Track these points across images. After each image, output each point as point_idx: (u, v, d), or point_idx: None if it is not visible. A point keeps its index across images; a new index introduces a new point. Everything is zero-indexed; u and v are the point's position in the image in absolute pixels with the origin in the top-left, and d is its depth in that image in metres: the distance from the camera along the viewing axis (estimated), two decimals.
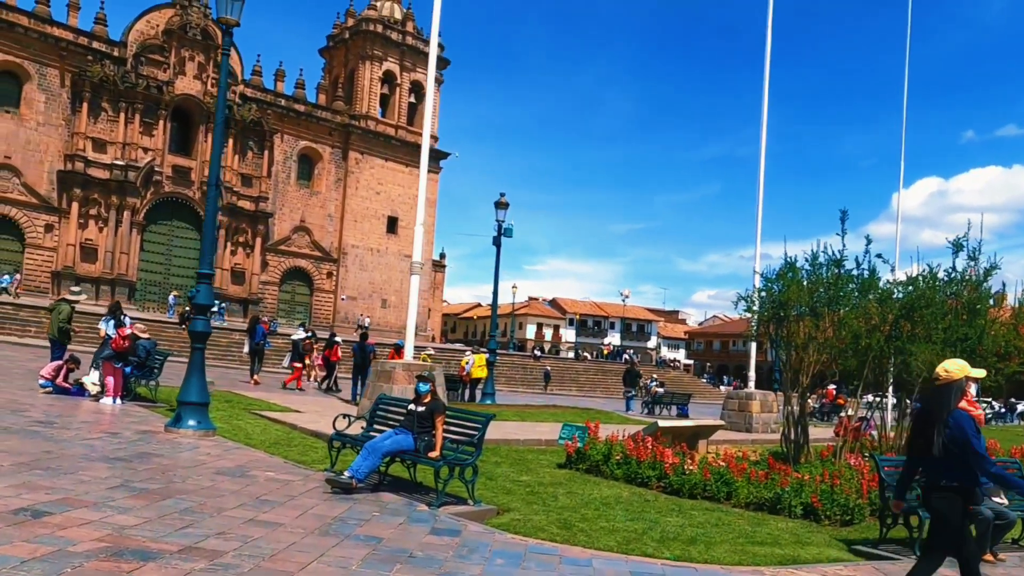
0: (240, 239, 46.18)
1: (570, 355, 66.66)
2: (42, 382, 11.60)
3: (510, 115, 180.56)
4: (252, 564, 4.48)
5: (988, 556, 6.43)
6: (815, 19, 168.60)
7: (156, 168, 42.65)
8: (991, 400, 39.69)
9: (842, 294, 11.40)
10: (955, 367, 4.75)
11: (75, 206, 40.20)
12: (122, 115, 41.71)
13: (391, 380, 12.91)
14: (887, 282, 12.24)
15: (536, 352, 56.43)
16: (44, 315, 16.84)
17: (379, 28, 52.55)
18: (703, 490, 8.88)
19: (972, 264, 11.76)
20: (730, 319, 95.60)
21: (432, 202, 55.75)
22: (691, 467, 9.34)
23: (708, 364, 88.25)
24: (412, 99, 54.20)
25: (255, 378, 20.51)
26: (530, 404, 24.10)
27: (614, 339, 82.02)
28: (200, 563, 4.36)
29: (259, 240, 46.94)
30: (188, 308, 35.88)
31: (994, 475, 4.55)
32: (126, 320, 12.02)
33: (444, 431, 7.45)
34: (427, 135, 14.25)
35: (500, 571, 5.06)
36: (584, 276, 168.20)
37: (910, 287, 11.72)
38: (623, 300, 69.05)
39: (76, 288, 13.74)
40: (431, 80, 14.55)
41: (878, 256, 11.84)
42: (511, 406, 21.51)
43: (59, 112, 40.40)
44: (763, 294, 12.11)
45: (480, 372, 22.32)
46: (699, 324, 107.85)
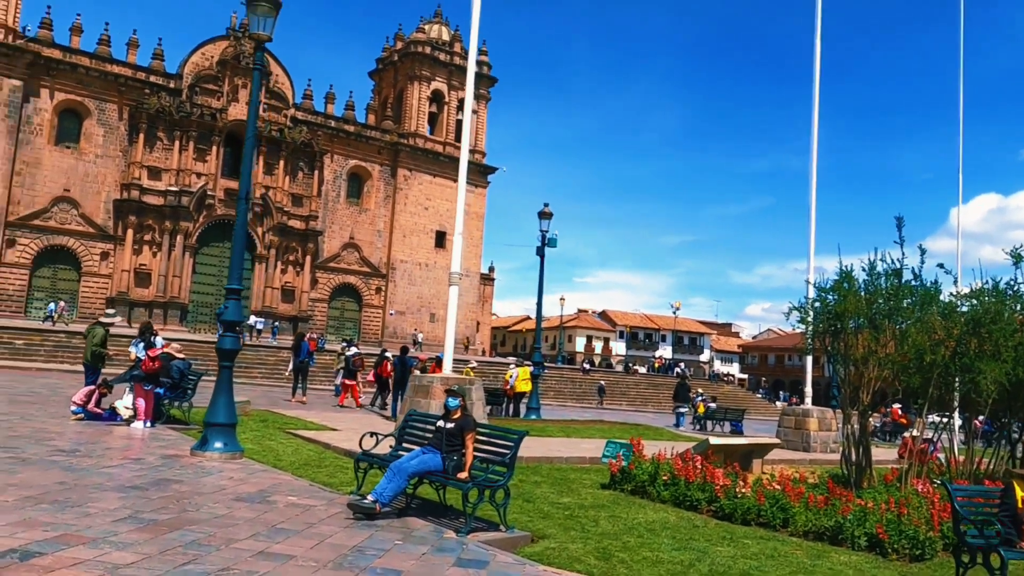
0: (290, 258, 46.98)
1: (620, 368, 65.48)
2: (74, 408, 11.52)
3: (558, 130, 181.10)
4: None
5: None
6: (865, 34, 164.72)
7: (209, 192, 43.80)
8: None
9: (903, 306, 10.55)
10: None
11: (130, 233, 41.52)
12: (177, 143, 43.10)
13: (428, 395, 12.52)
14: (950, 295, 11.35)
15: (585, 365, 55.61)
16: (81, 340, 17.06)
17: (427, 50, 53.64)
18: (757, 516, 8.16)
19: None
20: (785, 332, 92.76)
21: (480, 216, 56.05)
22: (744, 490, 8.63)
23: (763, 379, 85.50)
24: (460, 116, 54.95)
25: (299, 397, 20.43)
26: (576, 419, 23.46)
27: (665, 352, 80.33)
28: None
29: (309, 258, 47.68)
30: (239, 327, 36.68)
31: None
32: (156, 342, 11.91)
33: (475, 449, 6.99)
34: (465, 147, 14.14)
35: None
36: (634, 288, 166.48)
37: (974, 301, 10.80)
38: (674, 312, 67.63)
39: (111, 311, 13.87)
40: (469, 95, 14.41)
41: (939, 266, 11.00)
42: (557, 421, 20.96)
43: (116, 144, 41.98)
44: (817, 305, 11.31)
45: (524, 386, 21.77)
46: (753, 337, 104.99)
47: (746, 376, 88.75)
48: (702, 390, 33.37)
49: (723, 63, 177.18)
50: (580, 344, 78.67)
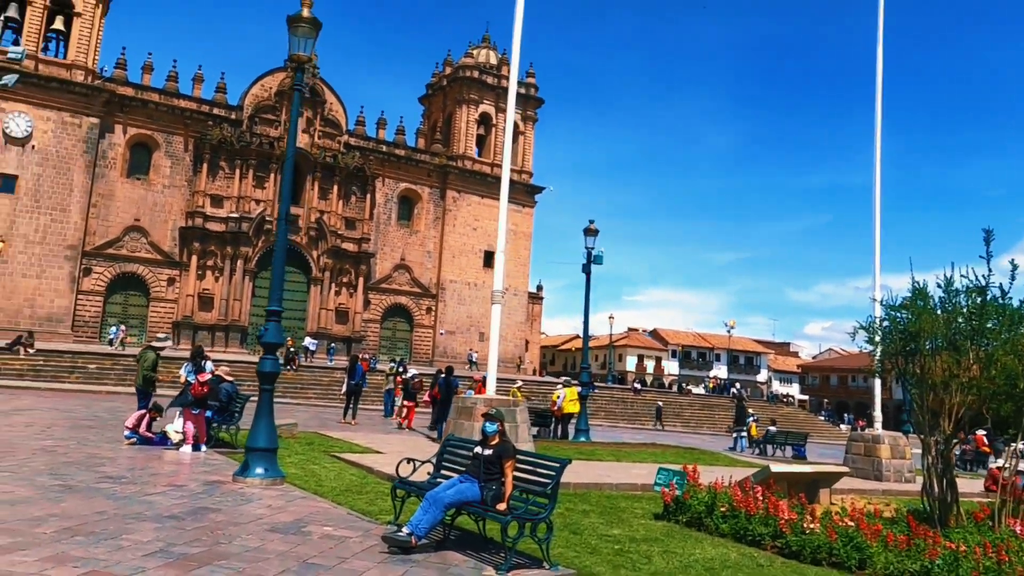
0: (344, 280, 47.75)
1: (672, 388, 63.91)
2: (127, 433, 11.65)
3: (607, 149, 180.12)
4: None
5: None
6: (929, 45, 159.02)
7: (267, 218, 44.98)
8: None
9: (988, 326, 9.62)
10: None
11: (194, 259, 42.98)
12: (237, 171, 44.58)
13: (472, 417, 12.18)
14: None
15: (636, 385, 54.46)
16: (134, 363, 17.41)
17: (475, 73, 54.34)
18: (829, 555, 7.44)
19: None
20: (847, 352, 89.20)
21: (527, 235, 56.09)
22: (812, 525, 7.94)
23: (824, 400, 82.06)
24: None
25: (351, 419, 20.40)
26: (628, 441, 22.72)
27: (720, 372, 78.07)
28: None
29: (362, 280, 48.38)
30: (292, 347, 37.25)
31: None
32: (207, 366, 11.99)
33: (515, 477, 6.62)
34: (507, 166, 14.00)
35: None
36: (686, 306, 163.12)
37: None
38: (729, 331, 65.74)
39: (162, 335, 14.09)
40: (510, 114, 14.31)
41: None
42: (607, 444, 20.24)
43: (182, 174, 43.69)
44: (887, 324, 10.48)
45: (572, 407, 21.08)
46: (813, 357, 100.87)
47: (807, 397, 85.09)
48: (753, 411, 32.00)
49: (777, 77, 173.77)
50: (631, 363, 77.23)
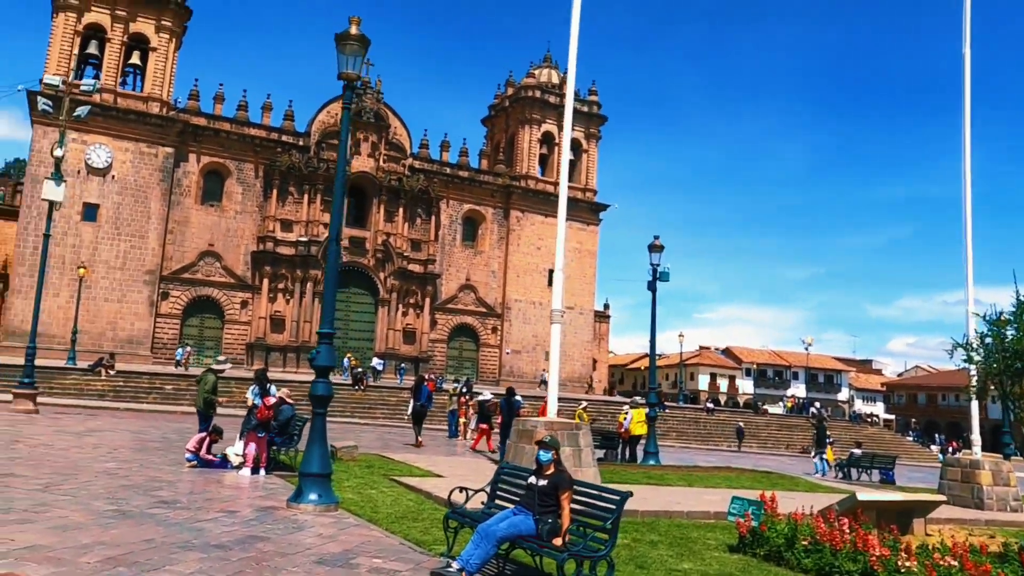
0: (411, 300, 48.26)
1: (747, 408, 61.43)
2: (188, 456, 11.72)
3: (677, 165, 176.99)
4: None
5: None
6: (1015, 48, 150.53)
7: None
8: None
9: None
10: None
11: (265, 282, 44.28)
12: (305, 196, 45.85)
13: (532, 440, 11.71)
14: None
15: (709, 404, 52.65)
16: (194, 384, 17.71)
17: (537, 93, 54.54)
18: None
19: None
20: (935, 370, 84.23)
21: (592, 253, 55.56)
22: (908, 563, 7.12)
23: (912, 420, 77.33)
24: (571, 157, 55.03)
25: (417, 441, 20.20)
26: (700, 464, 21.64)
27: (797, 391, 74.67)
28: None
29: (428, 300, 48.78)
30: (360, 368, 37.65)
31: None
32: (272, 389, 11.99)
33: (572, 509, 6.14)
34: (564, 182, 13.64)
35: None
36: (760, 323, 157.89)
37: None
38: (806, 348, 62.75)
39: (222, 357, 14.23)
40: (567, 131, 14.04)
41: None
42: (677, 467, 19.26)
43: (253, 200, 45.25)
44: (989, 341, 9.52)
45: (640, 428, 20.23)
46: (898, 375, 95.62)
47: (893, 417, 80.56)
48: (831, 434, 30.11)
49: (851, 87, 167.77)
50: (703, 382, 74.91)
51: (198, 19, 58.97)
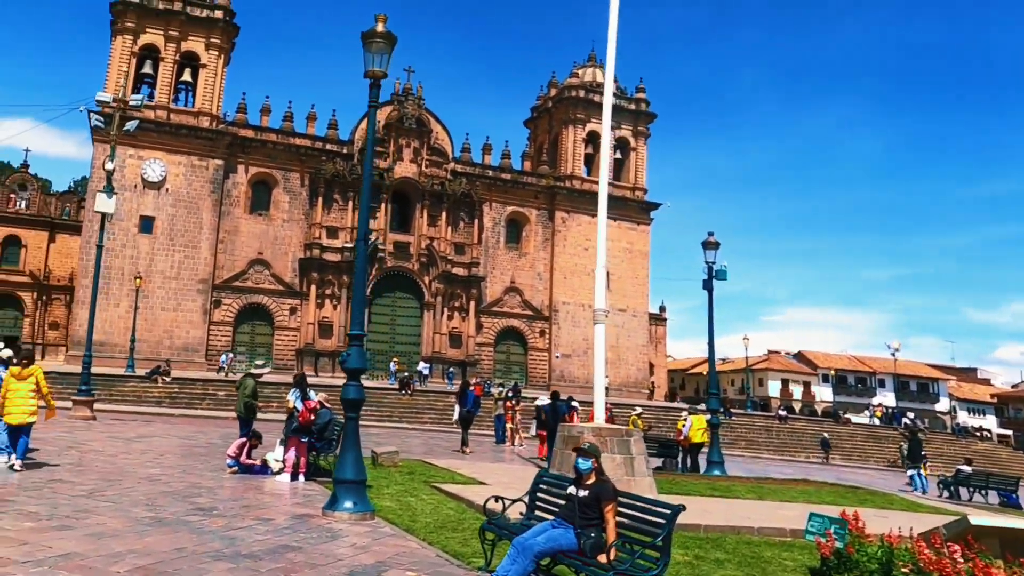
0: (456, 304, 48.20)
1: (825, 417, 58.07)
2: (229, 462, 11.69)
3: (737, 162, 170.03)
4: None
5: None
6: None
7: (380, 246, 46.30)
8: None
9: None
10: None
11: (313, 288, 44.85)
12: (350, 203, 46.32)
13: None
14: None
15: (781, 412, 50.35)
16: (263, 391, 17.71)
17: (581, 93, 53.81)
18: None
19: None
20: None
21: (644, 254, 54.57)
22: None
23: None
24: (618, 155, 54.29)
25: (465, 448, 19.90)
26: (773, 476, 20.18)
27: (885, 399, 68.72)
28: None
29: (473, 303, 48.62)
30: (407, 373, 37.69)
31: None
32: (312, 394, 11.87)
33: (618, 523, 5.70)
34: (604, 179, 13.23)
35: None
36: (835, 327, 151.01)
37: None
38: (892, 353, 59.11)
39: (260, 362, 14.20)
40: (606, 127, 13.66)
41: None
42: (746, 479, 17.76)
43: (299, 208, 45.97)
44: None
45: (700, 436, 19.26)
46: (1013, 386, 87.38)
47: (1009, 432, 72.57)
48: (926, 448, 27.90)
49: (933, 77, 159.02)
50: (773, 388, 71.47)
51: (245, 35, 60.47)
